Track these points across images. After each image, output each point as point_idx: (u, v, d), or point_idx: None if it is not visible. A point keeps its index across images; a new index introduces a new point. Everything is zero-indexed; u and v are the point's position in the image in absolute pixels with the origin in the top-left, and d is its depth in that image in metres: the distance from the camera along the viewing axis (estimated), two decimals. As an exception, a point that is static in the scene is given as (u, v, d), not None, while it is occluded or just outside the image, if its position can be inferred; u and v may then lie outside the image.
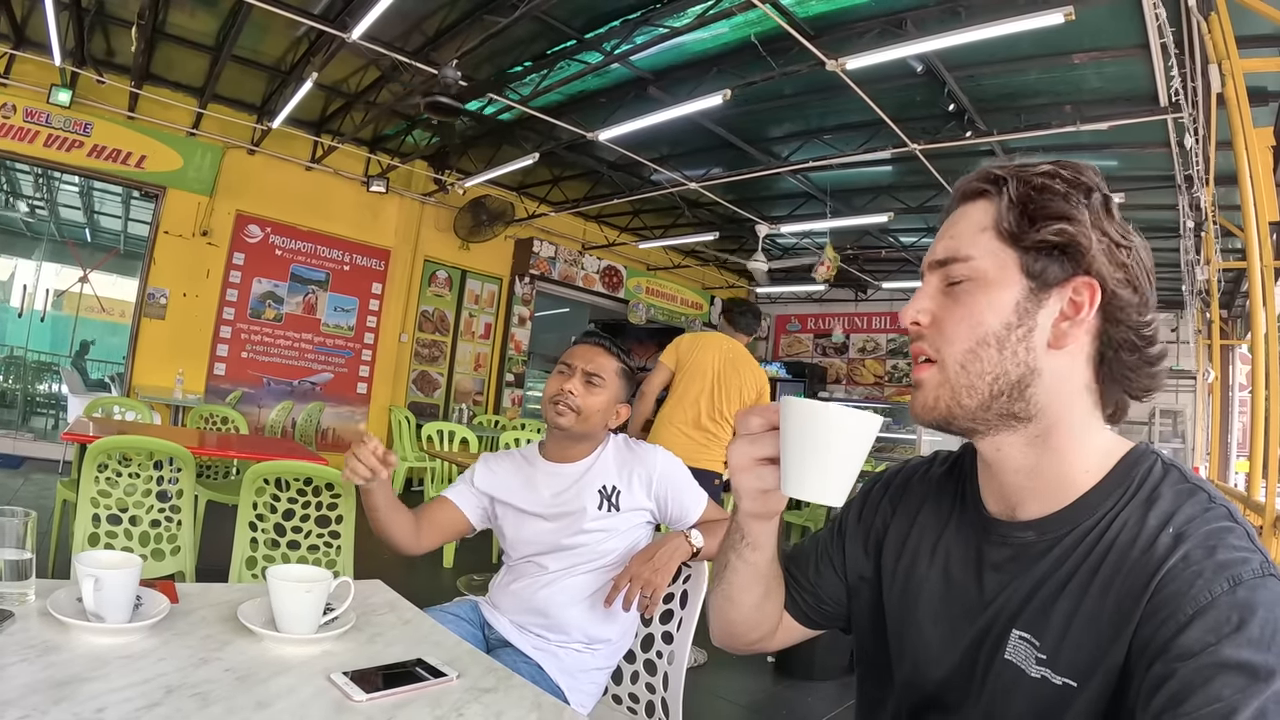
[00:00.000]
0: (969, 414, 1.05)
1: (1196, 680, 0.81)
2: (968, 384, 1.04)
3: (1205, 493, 0.97)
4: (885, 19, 6.26)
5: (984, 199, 1.08)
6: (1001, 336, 1.02)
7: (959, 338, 1.05)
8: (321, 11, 6.95)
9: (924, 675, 1.17)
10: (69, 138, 8.68)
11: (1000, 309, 1.02)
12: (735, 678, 4.89)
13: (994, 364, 1.02)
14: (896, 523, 1.30)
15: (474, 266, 12.69)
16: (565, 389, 2.41)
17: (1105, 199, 1.03)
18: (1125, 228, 1.03)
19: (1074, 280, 1.01)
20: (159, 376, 9.26)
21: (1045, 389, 1.02)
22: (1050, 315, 1.02)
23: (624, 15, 6.84)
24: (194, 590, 1.71)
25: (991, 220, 1.05)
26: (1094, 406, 1.05)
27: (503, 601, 2.41)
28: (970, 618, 1.10)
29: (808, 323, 17.74)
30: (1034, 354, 1.02)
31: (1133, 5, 5.28)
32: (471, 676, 1.44)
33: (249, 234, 10.25)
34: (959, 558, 1.16)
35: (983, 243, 1.05)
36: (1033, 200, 1.02)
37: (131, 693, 1.17)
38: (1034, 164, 1.06)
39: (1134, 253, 1.02)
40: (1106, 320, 1.02)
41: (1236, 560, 0.87)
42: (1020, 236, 1.02)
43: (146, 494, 3.52)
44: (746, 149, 9.56)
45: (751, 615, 1.35)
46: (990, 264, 1.04)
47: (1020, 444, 1.06)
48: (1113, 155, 8.40)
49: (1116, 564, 0.95)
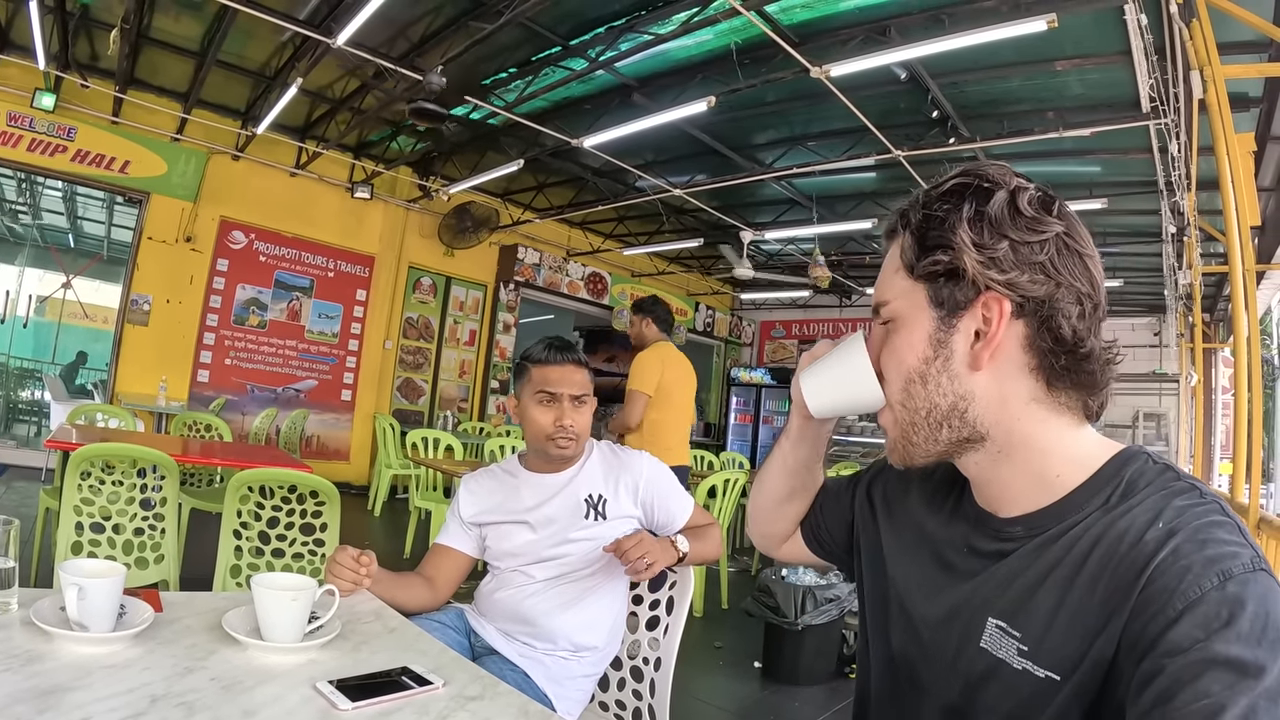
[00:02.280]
0: (923, 449, 1.09)
1: (1186, 676, 0.80)
2: (910, 421, 1.08)
3: (1196, 489, 0.96)
4: (869, 26, 6.29)
5: (897, 237, 1.11)
6: (923, 371, 1.05)
7: (894, 379, 1.10)
8: (307, 17, 6.94)
9: (898, 651, 1.20)
10: (52, 142, 8.62)
11: (916, 345, 1.06)
12: (722, 683, 4.89)
13: (924, 399, 1.06)
14: (897, 498, 1.33)
15: (458, 273, 12.66)
16: (564, 424, 2.37)
17: (1011, 196, 1.01)
18: (1039, 219, 1.00)
19: (981, 299, 1.01)
20: (142, 383, 9.20)
21: (984, 410, 1.03)
22: (965, 339, 1.03)
23: (609, 22, 6.85)
24: (178, 599, 1.69)
25: (900, 259, 1.08)
26: (1054, 413, 1.03)
27: (489, 609, 2.39)
28: (946, 600, 1.11)
29: (792, 329, 17.80)
30: (958, 380, 1.04)
31: (1114, 12, 5.33)
32: (458, 684, 1.43)
33: (233, 240, 10.20)
34: (945, 542, 1.17)
35: (897, 283, 1.09)
36: (925, 230, 1.05)
37: (116, 702, 1.16)
38: (939, 183, 1.07)
39: (1052, 243, 1.00)
40: (1032, 325, 1.01)
41: (1227, 555, 0.86)
42: (914, 270, 1.06)
43: (130, 502, 3.50)
44: (731, 155, 9.60)
45: (772, 509, 1.53)
46: (903, 304, 1.08)
47: (987, 461, 1.07)
48: (1095, 161, 8.46)
49: (1105, 558, 0.94)
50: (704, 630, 5.84)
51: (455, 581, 2.46)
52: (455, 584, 2.47)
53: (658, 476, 2.48)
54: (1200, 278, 8.76)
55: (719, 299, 17.58)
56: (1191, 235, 8.02)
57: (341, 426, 11.27)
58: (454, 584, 2.46)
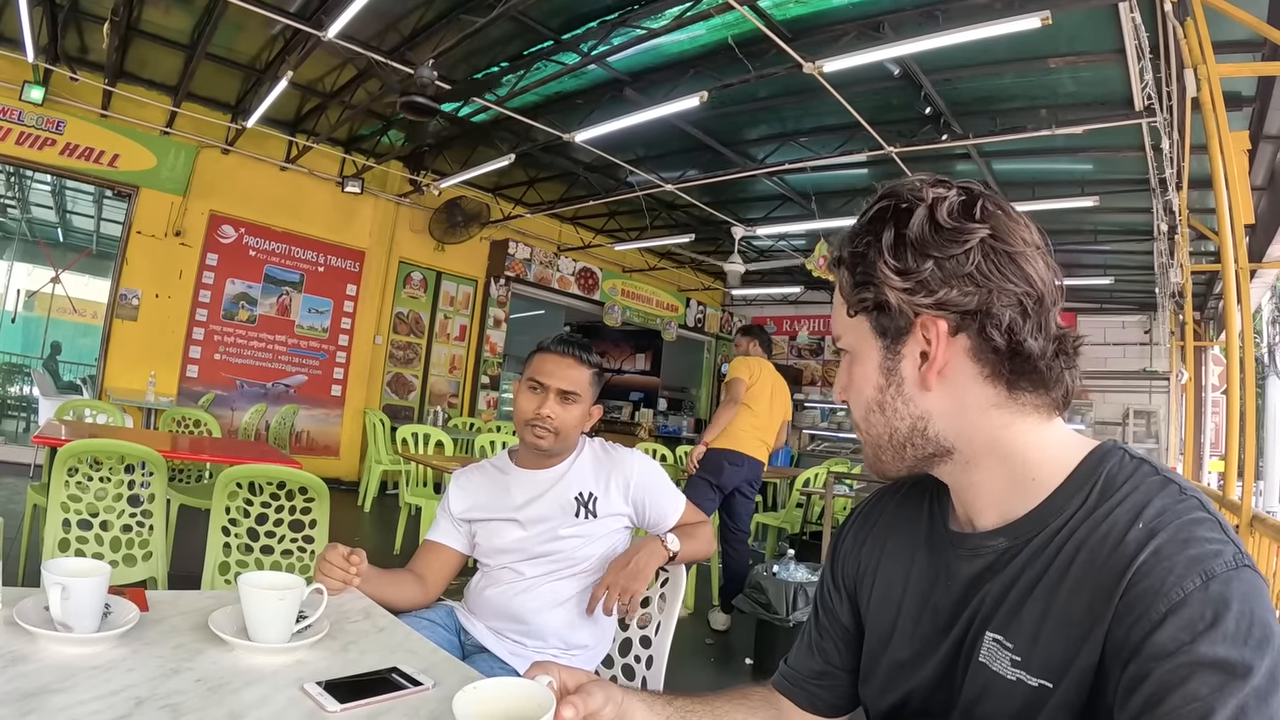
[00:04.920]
0: (892, 467, 1.12)
1: (1173, 680, 0.80)
2: (875, 443, 1.12)
3: (1176, 484, 0.96)
4: (863, 22, 6.28)
5: (836, 272, 1.14)
6: (879, 400, 1.08)
7: (856, 408, 1.13)
8: (297, 10, 6.91)
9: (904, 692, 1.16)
10: (41, 136, 8.57)
11: (869, 377, 1.09)
12: (712, 679, 4.89)
13: (883, 425, 1.09)
14: (866, 562, 1.31)
15: (449, 268, 12.63)
16: (542, 413, 2.35)
17: (930, 210, 1.00)
18: (961, 228, 0.99)
19: (918, 321, 1.02)
20: (131, 379, 9.15)
21: (944, 425, 1.05)
22: (913, 363, 1.05)
23: (601, 16, 6.84)
24: (165, 598, 1.67)
25: (841, 294, 1.12)
26: (1018, 415, 1.03)
27: (479, 607, 2.38)
28: (946, 630, 1.09)
29: (783, 325, 17.79)
30: (912, 403, 1.06)
31: (1109, 10, 5.33)
32: (448, 684, 1.41)
33: (222, 234, 10.15)
34: (931, 578, 1.15)
35: (843, 319, 1.13)
36: (854, 266, 1.08)
37: (100, 705, 1.14)
38: (866, 210, 1.08)
39: (978, 250, 0.98)
40: (976, 336, 1.00)
41: (1209, 554, 0.86)
42: (851, 306, 1.09)
43: (118, 498, 3.48)
44: (723, 151, 9.59)
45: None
46: (852, 338, 1.12)
47: (959, 470, 1.08)
48: (1087, 159, 8.47)
49: (1088, 561, 0.93)
50: (695, 627, 5.84)
51: (446, 579, 2.45)
52: (446, 581, 2.45)
53: (648, 475, 2.47)
54: (1191, 276, 8.79)
55: (710, 295, 17.56)
56: (1182, 234, 8.03)
57: (331, 422, 11.24)
58: (444, 581, 2.44)
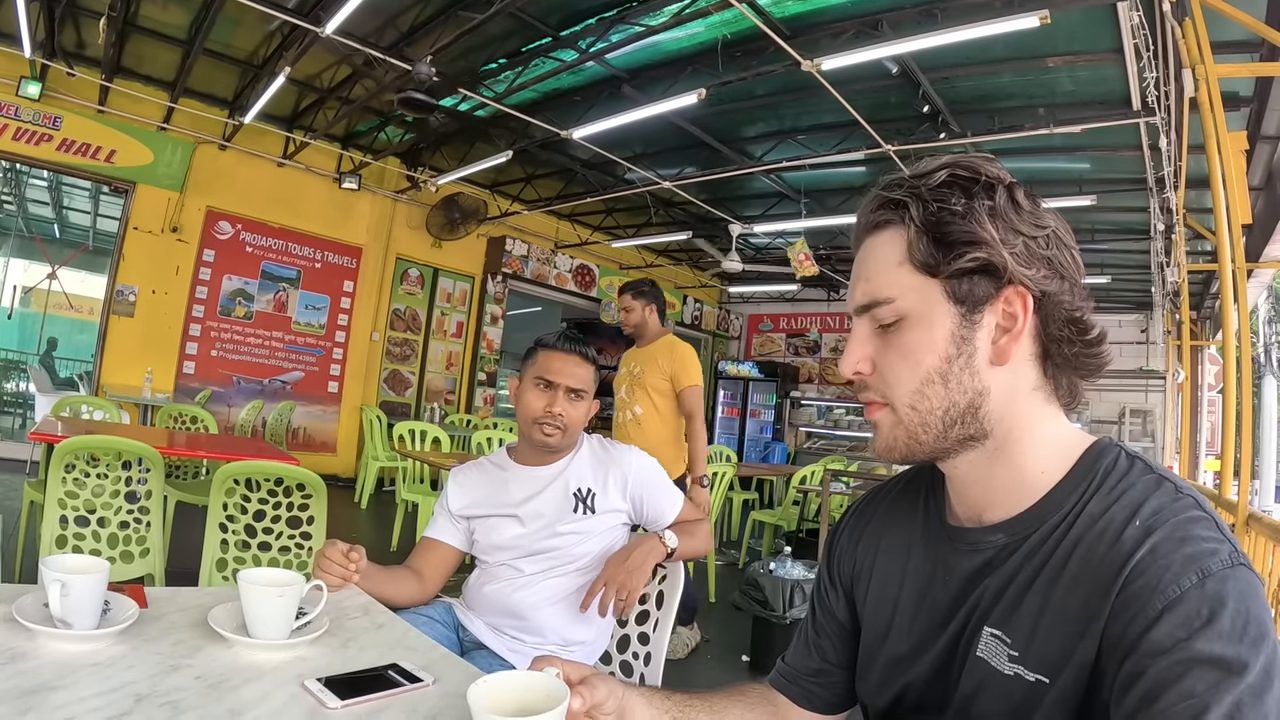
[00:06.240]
0: (928, 448, 1.05)
1: (1169, 677, 0.80)
2: (920, 422, 1.03)
3: (1171, 483, 0.96)
4: (861, 20, 6.28)
5: (889, 229, 1.06)
6: (944, 371, 1.01)
7: (903, 381, 1.04)
8: (295, 6, 6.89)
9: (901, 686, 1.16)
10: (38, 131, 8.54)
11: (937, 345, 1.01)
12: (711, 676, 4.89)
13: (942, 398, 1.02)
14: (862, 559, 1.30)
15: (446, 265, 12.62)
16: (554, 411, 2.35)
17: (1009, 191, 1.00)
18: (1036, 214, 1.01)
19: (1003, 293, 1.00)
20: (128, 375, 9.13)
21: (997, 404, 1.02)
22: (988, 334, 1.01)
23: (600, 13, 6.83)
24: (163, 594, 1.67)
25: (903, 253, 1.03)
26: (1046, 401, 1.05)
27: (477, 603, 2.38)
28: (944, 625, 1.09)
29: (780, 322, 17.81)
30: (979, 376, 1.01)
31: (1107, 10, 5.34)
32: (447, 681, 1.41)
33: (219, 230, 10.13)
34: (928, 573, 1.15)
35: (902, 279, 1.03)
36: (940, 225, 1.00)
37: (100, 701, 1.14)
38: (929, 174, 1.03)
39: (1052, 238, 1.00)
40: (1043, 317, 1.01)
41: (1205, 552, 0.87)
42: (937, 267, 1.01)
43: (115, 495, 3.48)
44: (720, 148, 9.59)
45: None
46: (915, 300, 1.03)
47: (980, 460, 1.06)
48: (1085, 158, 8.48)
49: (1084, 558, 0.94)
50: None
51: (444, 575, 2.45)
52: (444, 578, 2.45)
53: (647, 471, 2.48)
54: (1187, 275, 8.80)
55: (707, 292, 17.57)
56: (1179, 233, 8.05)
57: (328, 419, 11.22)
58: (443, 578, 2.44)
